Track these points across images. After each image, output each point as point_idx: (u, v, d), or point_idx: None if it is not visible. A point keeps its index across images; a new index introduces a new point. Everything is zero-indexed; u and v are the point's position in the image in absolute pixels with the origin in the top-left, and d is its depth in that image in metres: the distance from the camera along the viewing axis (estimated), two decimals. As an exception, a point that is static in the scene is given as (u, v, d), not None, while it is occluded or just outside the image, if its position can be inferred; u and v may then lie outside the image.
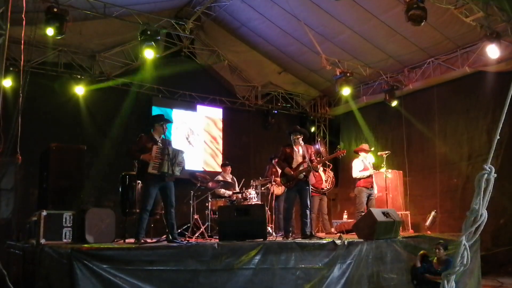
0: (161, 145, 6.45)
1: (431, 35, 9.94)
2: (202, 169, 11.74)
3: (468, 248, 2.15)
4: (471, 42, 9.92)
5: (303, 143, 7.57)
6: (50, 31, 8.34)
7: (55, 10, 8.29)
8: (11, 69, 8.79)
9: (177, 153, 6.48)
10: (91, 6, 9.13)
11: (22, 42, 6.49)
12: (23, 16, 6.18)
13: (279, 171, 8.11)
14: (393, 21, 9.74)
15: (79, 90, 10.39)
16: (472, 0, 8.41)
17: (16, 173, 7.44)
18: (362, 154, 9.46)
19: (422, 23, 8.06)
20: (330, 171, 10.37)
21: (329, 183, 9.93)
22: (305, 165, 7.37)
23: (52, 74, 10.29)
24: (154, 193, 6.38)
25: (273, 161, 9.36)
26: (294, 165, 7.46)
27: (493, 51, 8.94)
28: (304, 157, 7.46)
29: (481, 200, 2.12)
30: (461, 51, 10.28)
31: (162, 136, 6.66)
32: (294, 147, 7.56)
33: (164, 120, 6.72)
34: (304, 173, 7.36)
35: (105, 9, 9.31)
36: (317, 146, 9.50)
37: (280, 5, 10.10)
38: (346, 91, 10.86)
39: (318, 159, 8.06)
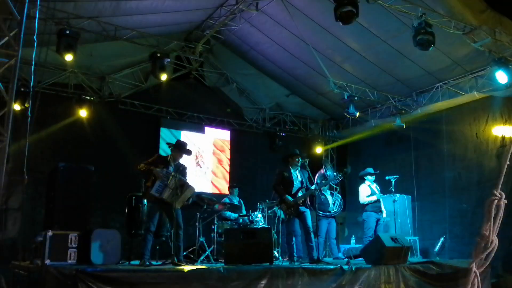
0: (171, 170, 6.43)
1: (439, 59, 9.94)
2: (209, 191, 11.72)
3: (478, 275, 2.10)
4: (479, 67, 9.91)
5: (300, 167, 7.55)
6: (68, 57, 8.50)
7: (67, 32, 8.44)
8: (22, 89, 8.88)
9: (183, 187, 6.44)
10: (103, 28, 9.27)
11: (33, 63, 6.57)
12: (34, 37, 6.27)
13: None
14: (401, 46, 9.77)
15: (88, 111, 10.40)
16: (480, 25, 8.42)
17: (23, 192, 7.45)
18: (368, 178, 9.38)
19: (431, 48, 8.08)
20: (337, 194, 10.29)
21: (336, 206, 9.84)
22: (305, 190, 7.36)
23: (62, 95, 10.37)
24: (157, 214, 6.35)
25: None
26: (294, 190, 7.41)
27: (501, 76, 8.91)
28: (302, 182, 7.44)
29: (491, 226, 2.07)
30: (470, 76, 10.25)
31: (179, 162, 6.67)
32: (292, 171, 7.53)
33: (182, 149, 6.72)
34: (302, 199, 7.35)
35: (116, 32, 9.45)
36: (322, 171, 9.43)
37: (288, 29, 10.19)
38: (354, 113, 10.88)
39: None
